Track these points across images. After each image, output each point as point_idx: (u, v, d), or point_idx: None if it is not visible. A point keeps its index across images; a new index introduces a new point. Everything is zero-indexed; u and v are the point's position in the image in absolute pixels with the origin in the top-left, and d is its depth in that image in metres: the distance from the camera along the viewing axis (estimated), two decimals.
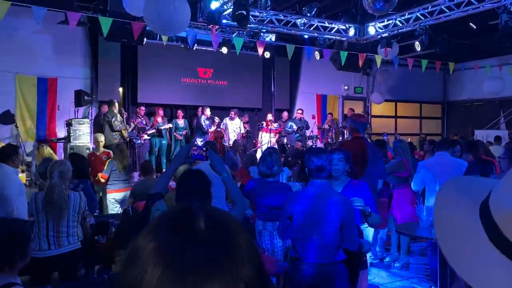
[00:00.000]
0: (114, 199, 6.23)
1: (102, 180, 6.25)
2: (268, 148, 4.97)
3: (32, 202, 3.69)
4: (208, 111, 10.75)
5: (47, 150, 5.94)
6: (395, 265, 5.72)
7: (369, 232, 4.25)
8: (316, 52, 10.96)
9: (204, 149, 2.51)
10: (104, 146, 7.47)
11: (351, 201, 3.07)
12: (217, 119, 10.85)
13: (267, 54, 11.12)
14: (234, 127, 10.87)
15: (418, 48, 9.71)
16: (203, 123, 10.62)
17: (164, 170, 8.74)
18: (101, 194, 6.66)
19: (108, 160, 6.45)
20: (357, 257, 3.19)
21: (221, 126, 10.87)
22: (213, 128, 10.77)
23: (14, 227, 2.33)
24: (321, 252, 2.90)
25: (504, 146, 8.50)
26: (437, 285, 4.22)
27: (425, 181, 4.89)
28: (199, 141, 9.83)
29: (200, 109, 10.95)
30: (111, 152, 6.85)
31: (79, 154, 6.54)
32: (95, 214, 5.20)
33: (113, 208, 6.20)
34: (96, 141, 7.28)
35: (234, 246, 0.57)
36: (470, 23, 9.71)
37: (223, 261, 0.54)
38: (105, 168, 6.18)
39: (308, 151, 3.23)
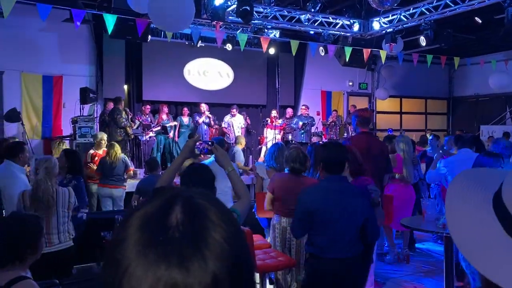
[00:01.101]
0: (99, 194, 6.31)
1: (93, 167, 6.47)
2: (290, 144, 4.89)
3: (19, 200, 3.61)
4: (202, 106, 10.58)
5: (60, 148, 6.01)
6: (387, 257, 5.73)
7: None
8: (321, 48, 10.91)
9: (209, 143, 2.51)
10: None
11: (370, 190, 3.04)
12: (210, 115, 10.63)
13: (272, 50, 11.09)
14: (237, 124, 10.86)
15: (423, 43, 9.64)
16: (195, 118, 10.63)
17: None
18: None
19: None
20: (372, 247, 3.19)
21: (224, 125, 10.83)
22: (202, 119, 10.50)
23: (26, 223, 2.34)
24: (346, 247, 2.91)
25: None
26: (443, 281, 4.21)
27: (448, 178, 4.81)
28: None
29: None
30: None
31: (72, 150, 6.60)
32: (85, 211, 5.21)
33: (103, 203, 6.30)
34: (99, 140, 7.18)
35: (205, 240, 0.57)
36: (476, 18, 9.64)
37: (189, 255, 0.55)
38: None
39: (328, 146, 3.17)
